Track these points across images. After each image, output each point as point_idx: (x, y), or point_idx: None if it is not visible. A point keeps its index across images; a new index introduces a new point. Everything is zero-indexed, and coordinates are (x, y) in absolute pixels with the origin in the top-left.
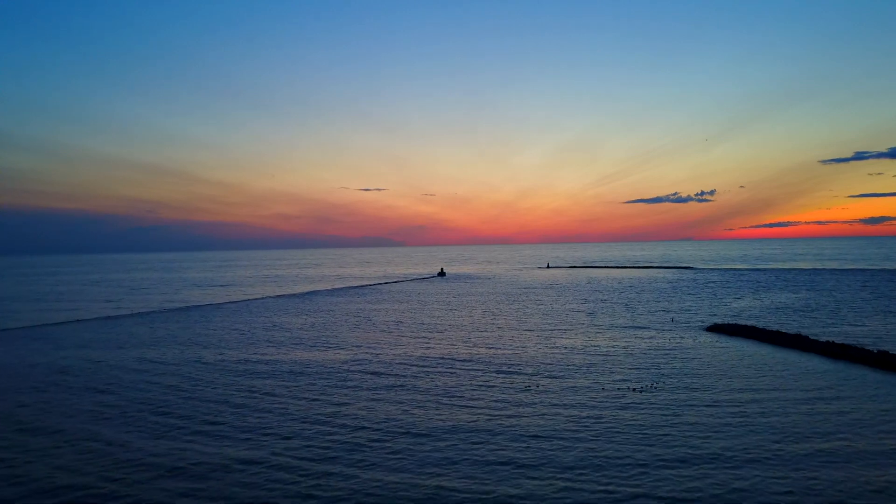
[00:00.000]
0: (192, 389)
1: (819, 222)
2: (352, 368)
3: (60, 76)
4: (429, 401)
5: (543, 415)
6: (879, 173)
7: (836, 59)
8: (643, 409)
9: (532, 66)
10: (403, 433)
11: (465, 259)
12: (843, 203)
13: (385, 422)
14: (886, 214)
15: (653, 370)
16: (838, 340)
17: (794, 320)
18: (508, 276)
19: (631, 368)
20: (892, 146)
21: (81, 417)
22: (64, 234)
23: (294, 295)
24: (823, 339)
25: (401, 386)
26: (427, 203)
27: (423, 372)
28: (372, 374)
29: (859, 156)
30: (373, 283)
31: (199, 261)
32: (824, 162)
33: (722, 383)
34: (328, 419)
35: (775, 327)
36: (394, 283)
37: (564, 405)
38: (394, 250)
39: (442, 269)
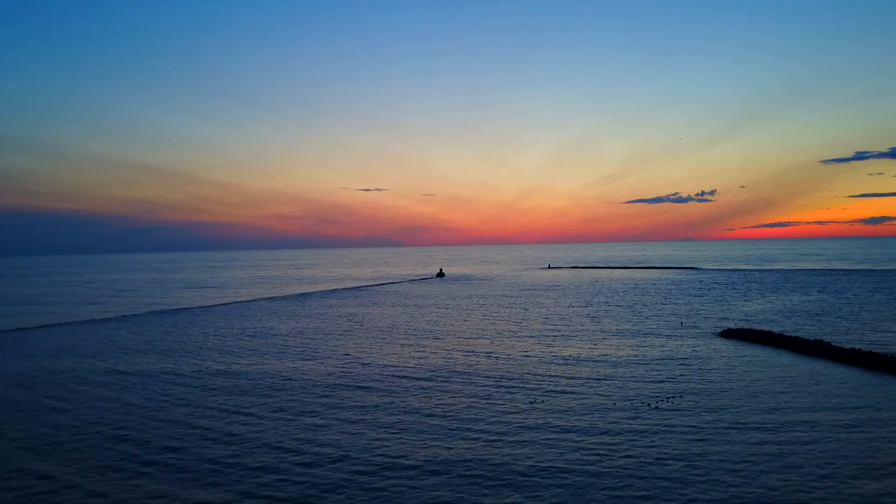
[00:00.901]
0: (157, 407)
1: (819, 222)
2: (338, 382)
3: (60, 76)
4: (421, 422)
5: (551, 439)
6: (880, 173)
7: (837, 59)
8: (663, 432)
9: (532, 66)
10: (389, 466)
11: (465, 259)
12: (843, 203)
13: (369, 450)
14: (887, 214)
15: (668, 383)
16: (864, 348)
17: (811, 325)
18: (509, 276)
19: (644, 381)
20: (893, 146)
21: (25, 442)
22: (63, 234)
23: (287, 297)
24: (847, 345)
25: (390, 404)
26: (427, 203)
27: (416, 386)
28: (359, 388)
29: (860, 156)
30: (369, 284)
31: (196, 261)
32: (825, 162)
33: (747, 400)
34: (305, 445)
35: (792, 332)
36: (391, 285)
37: (575, 428)
38: (393, 250)
39: (441, 269)
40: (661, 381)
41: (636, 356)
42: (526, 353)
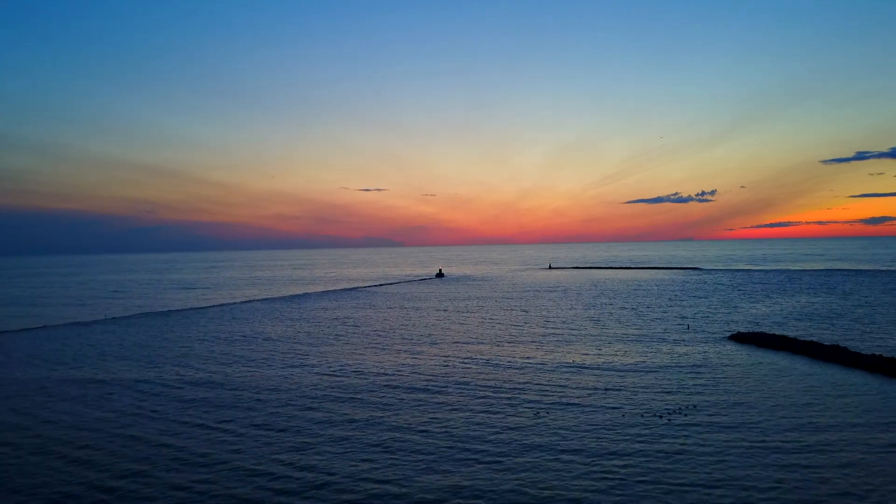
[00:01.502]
0: (129, 423)
1: (820, 222)
2: (327, 393)
3: (60, 76)
4: (414, 441)
5: (558, 461)
6: (880, 173)
7: (837, 59)
8: (680, 453)
9: (532, 66)
10: (378, 494)
11: (465, 259)
12: (843, 203)
13: (356, 474)
14: (887, 214)
15: (680, 394)
16: (885, 353)
17: (823, 328)
18: (509, 277)
19: (654, 392)
20: (894, 146)
21: None
22: (63, 234)
23: (283, 298)
24: (866, 351)
25: (381, 418)
26: (427, 203)
27: (411, 398)
28: (349, 400)
29: (860, 156)
30: (367, 284)
31: (195, 261)
32: (825, 162)
33: (769, 414)
34: (284, 468)
35: (805, 336)
36: (389, 286)
37: (584, 448)
38: (393, 250)
39: (440, 269)
40: (673, 392)
41: (644, 363)
42: (528, 360)
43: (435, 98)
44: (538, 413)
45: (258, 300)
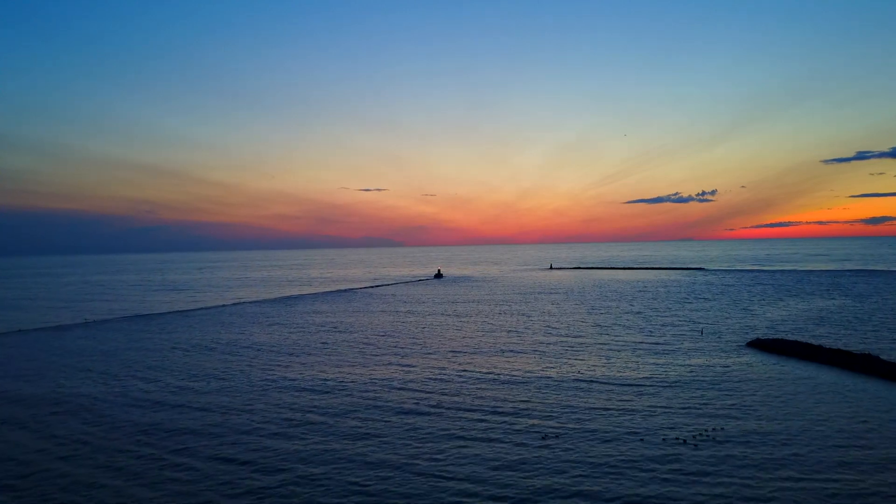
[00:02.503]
0: (72, 453)
1: (820, 222)
2: (303, 416)
3: (60, 76)
4: (398, 479)
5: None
6: (881, 173)
7: (837, 59)
8: (720, 499)
9: (532, 66)
10: None
11: (465, 260)
12: (844, 203)
13: None
14: (887, 214)
15: (706, 416)
16: None
17: (847, 334)
18: (509, 278)
19: (673, 409)
20: (894, 146)
21: None
22: (63, 234)
23: (275, 300)
24: None
25: (364, 448)
26: (427, 203)
27: (399, 420)
28: (327, 423)
29: (861, 155)
30: (364, 285)
31: (192, 262)
32: (826, 162)
33: (815, 445)
34: None
35: (829, 343)
36: (386, 287)
37: (604, 491)
38: (392, 251)
39: (439, 270)
40: (697, 414)
41: (658, 376)
42: (530, 373)
43: (435, 98)
44: (545, 437)
45: (248, 302)
